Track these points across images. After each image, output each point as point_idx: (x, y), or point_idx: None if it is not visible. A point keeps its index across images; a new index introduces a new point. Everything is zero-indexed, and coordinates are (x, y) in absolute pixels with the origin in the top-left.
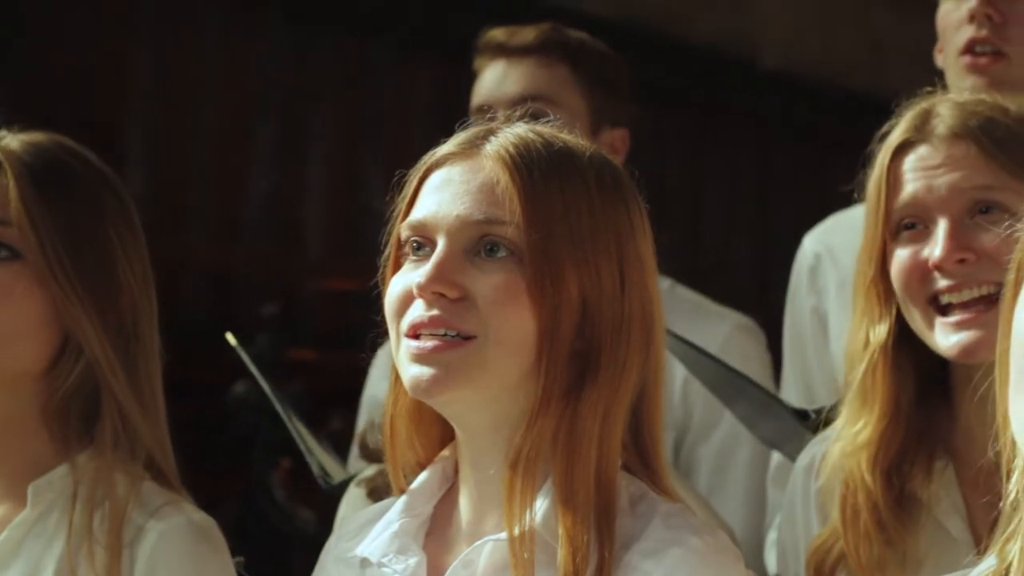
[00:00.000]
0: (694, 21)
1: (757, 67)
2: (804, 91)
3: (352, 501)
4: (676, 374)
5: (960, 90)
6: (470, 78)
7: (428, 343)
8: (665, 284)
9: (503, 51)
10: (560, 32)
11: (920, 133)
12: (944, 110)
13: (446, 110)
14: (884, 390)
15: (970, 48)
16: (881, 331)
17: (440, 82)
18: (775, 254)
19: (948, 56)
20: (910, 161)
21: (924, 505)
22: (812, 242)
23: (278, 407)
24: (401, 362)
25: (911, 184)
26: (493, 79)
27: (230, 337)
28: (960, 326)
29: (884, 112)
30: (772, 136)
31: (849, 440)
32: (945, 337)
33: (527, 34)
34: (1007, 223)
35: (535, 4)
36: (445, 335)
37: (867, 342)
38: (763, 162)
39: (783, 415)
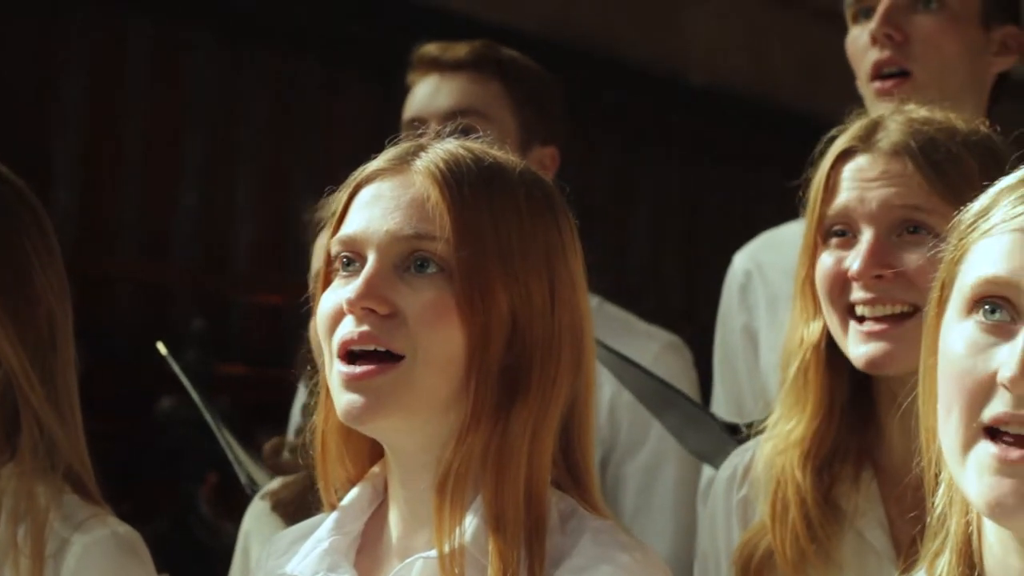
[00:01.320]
0: (624, 39)
1: (686, 84)
2: (733, 108)
3: (256, 515)
4: (603, 391)
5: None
6: (399, 94)
7: (358, 368)
8: (594, 302)
9: (436, 66)
10: (493, 49)
11: (864, 143)
12: (892, 124)
13: (374, 126)
14: (817, 388)
15: (877, 71)
16: (815, 329)
17: (368, 98)
18: (703, 271)
19: (861, 83)
20: (849, 169)
21: (848, 515)
22: (742, 260)
23: (208, 417)
24: (333, 385)
25: (845, 192)
26: (426, 93)
27: (161, 347)
28: (870, 337)
29: (813, 129)
30: (701, 153)
31: (782, 437)
32: (855, 346)
33: (460, 50)
34: (931, 245)
35: (468, 21)
36: (375, 351)
37: (802, 340)
38: (692, 179)
39: (713, 429)
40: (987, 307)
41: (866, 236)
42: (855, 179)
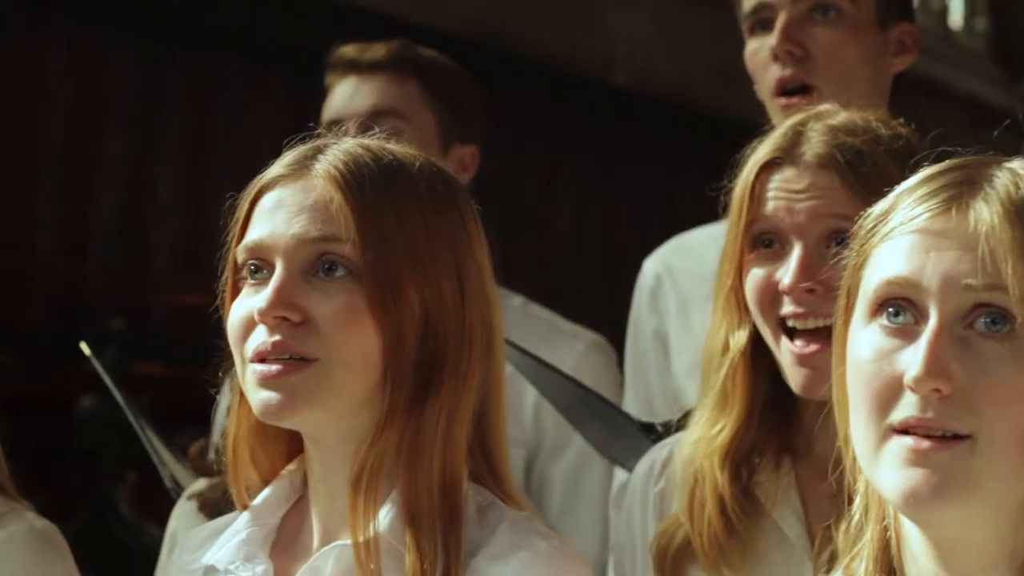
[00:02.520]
0: (547, 39)
1: (609, 85)
2: (655, 109)
3: (183, 515)
4: (528, 392)
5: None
6: (321, 94)
7: (273, 367)
8: (517, 302)
9: (354, 67)
10: (411, 49)
11: (788, 155)
12: (815, 134)
13: (296, 126)
14: (743, 394)
15: (780, 89)
16: (741, 337)
17: (290, 98)
18: (624, 271)
19: (763, 95)
20: (775, 181)
21: (766, 509)
22: (653, 263)
23: (130, 417)
24: (248, 387)
25: (772, 203)
26: (344, 94)
27: (84, 347)
28: (802, 361)
29: (734, 130)
30: (623, 153)
31: (707, 440)
32: (790, 369)
33: (378, 50)
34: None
35: (387, 21)
36: (289, 359)
37: (727, 347)
38: (614, 179)
39: (633, 433)
40: (891, 310)
41: (796, 250)
42: (782, 191)
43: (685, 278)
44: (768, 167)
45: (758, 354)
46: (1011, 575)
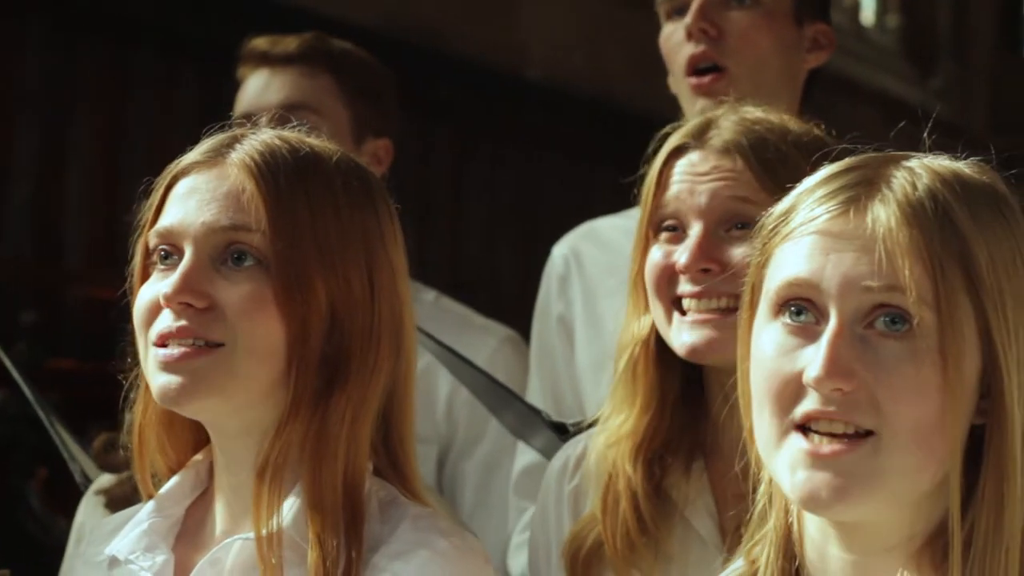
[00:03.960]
0: (461, 33)
1: (523, 79)
2: (569, 104)
3: (90, 509)
4: (440, 388)
5: (689, 114)
6: (233, 86)
7: (175, 351)
8: (430, 296)
9: (266, 60)
10: (324, 41)
11: (697, 140)
12: (726, 123)
13: (209, 118)
14: (647, 383)
15: (692, 67)
16: (645, 324)
17: (203, 90)
18: (538, 265)
19: (676, 79)
20: (681, 165)
21: (678, 506)
22: (562, 249)
23: (40, 412)
24: (150, 371)
25: (676, 187)
26: (256, 87)
27: None
28: (693, 326)
29: (649, 124)
30: (537, 147)
31: (613, 432)
32: (678, 335)
33: (290, 43)
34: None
35: (300, 13)
36: (194, 344)
37: (632, 335)
38: (527, 173)
39: (543, 430)
40: (792, 309)
41: (695, 230)
42: (686, 174)
43: (593, 268)
44: (676, 153)
45: (666, 345)
46: (908, 558)
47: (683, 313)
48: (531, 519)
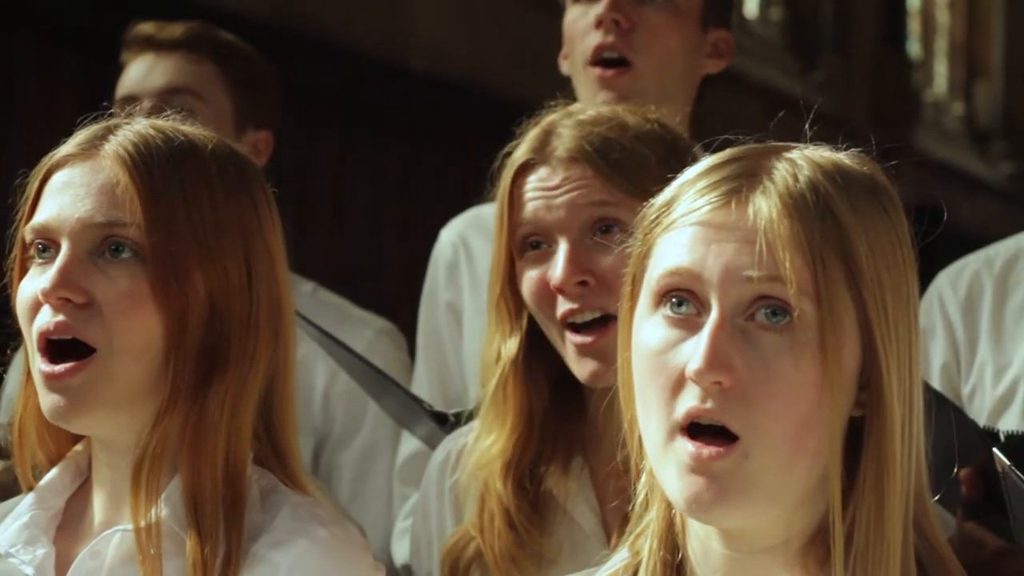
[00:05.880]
0: (345, 23)
1: (407, 70)
2: (453, 95)
3: None
4: (317, 380)
5: (588, 101)
6: (117, 74)
7: (57, 368)
8: (308, 287)
9: (151, 44)
10: (209, 30)
11: (540, 154)
12: (564, 130)
13: (91, 107)
14: (516, 403)
15: (598, 56)
16: (512, 346)
17: (85, 78)
18: (423, 256)
19: (576, 65)
20: (531, 182)
21: (560, 503)
22: (450, 235)
23: None
24: (37, 382)
25: (531, 204)
26: (140, 71)
27: None
28: (583, 351)
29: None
30: (420, 139)
31: (483, 452)
32: (574, 363)
33: (176, 29)
34: (619, 239)
35: (185, 2)
36: (72, 341)
37: (499, 356)
38: (411, 165)
39: (424, 419)
40: (674, 300)
41: (562, 246)
42: (538, 190)
43: (482, 258)
44: (523, 171)
45: (533, 360)
46: (792, 555)
47: (572, 329)
48: (414, 510)
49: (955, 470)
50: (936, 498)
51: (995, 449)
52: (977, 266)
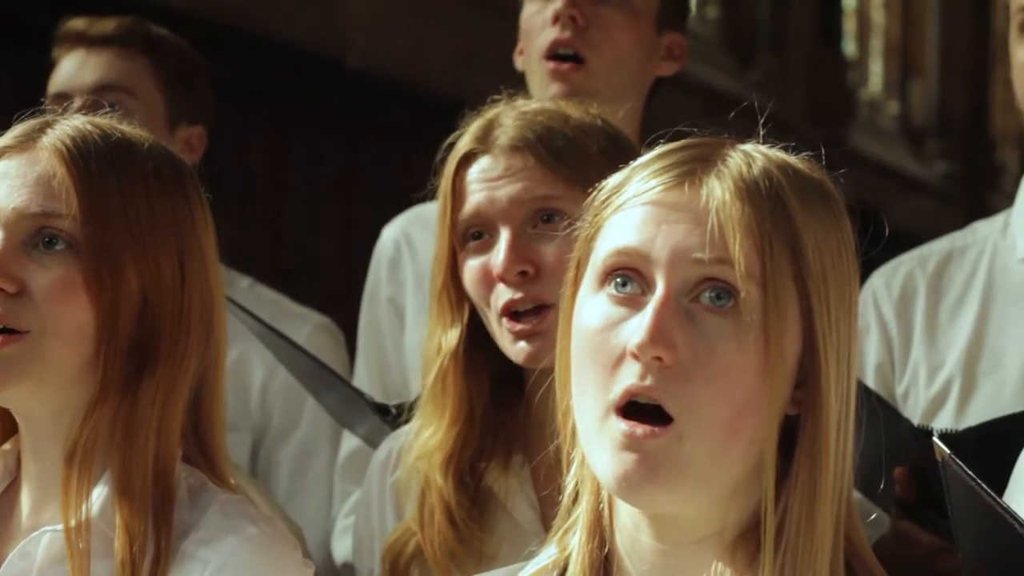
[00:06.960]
0: (280, 19)
1: (344, 66)
2: (390, 91)
3: None
4: (255, 376)
5: (540, 97)
6: (48, 69)
7: None
8: (244, 284)
9: (82, 40)
10: (141, 25)
11: (483, 144)
12: (507, 120)
13: (24, 102)
14: (455, 395)
15: (553, 50)
16: (452, 337)
17: (17, 74)
18: (358, 254)
19: (531, 59)
20: (473, 172)
21: (499, 500)
22: (393, 232)
23: None
24: None
25: (474, 195)
26: (71, 67)
27: None
28: (521, 335)
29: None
30: (357, 135)
31: (422, 444)
32: (511, 345)
33: (107, 24)
34: (564, 226)
35: None
36: (3, 330)
37: (440, 348)
38: (348, 162)
39: (367, 416)
40: (619, 279)
41: (504, 235)
42: (481, 180)
43: (426, 252)
44: (465, 161)
45: (474, 353)
46: (721, 549)
47: (513, 318)
48: (356, 507)
49: (890, 469)
50: (873, 496)
51: (935, 438)
52: (911, 265)
